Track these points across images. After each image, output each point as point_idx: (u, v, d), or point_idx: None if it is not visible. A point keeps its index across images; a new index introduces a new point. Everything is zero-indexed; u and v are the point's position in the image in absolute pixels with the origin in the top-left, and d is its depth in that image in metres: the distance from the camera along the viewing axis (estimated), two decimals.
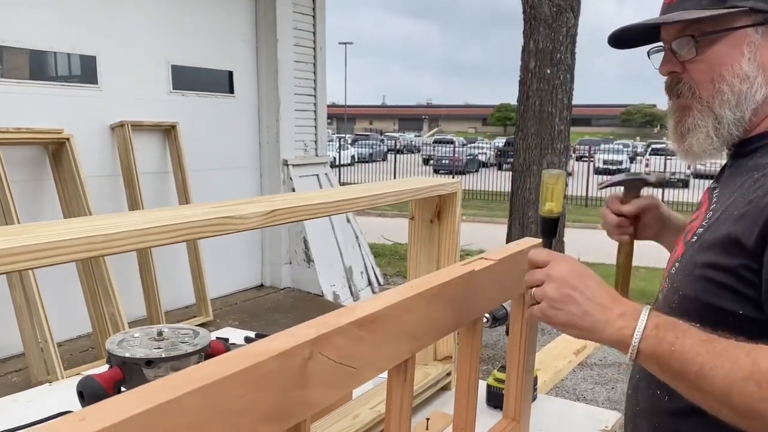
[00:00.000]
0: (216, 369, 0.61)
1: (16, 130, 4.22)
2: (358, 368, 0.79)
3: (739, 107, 1.00)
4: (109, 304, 4.40)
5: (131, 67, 5.11)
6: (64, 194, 4.48)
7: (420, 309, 0.92)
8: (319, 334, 0.72)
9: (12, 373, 4.29)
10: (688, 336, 0.81)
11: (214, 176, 5.78)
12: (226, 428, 0.61)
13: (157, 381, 0.59)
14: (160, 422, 0.54)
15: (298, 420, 0.72)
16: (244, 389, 0.62)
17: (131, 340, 1.15)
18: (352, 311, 0.80)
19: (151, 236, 0.82)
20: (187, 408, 0.57)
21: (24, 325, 4.03)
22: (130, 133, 4.95)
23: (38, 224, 0.81)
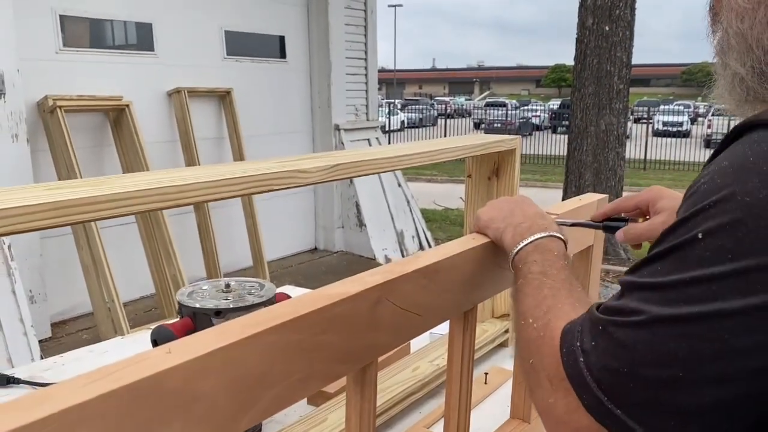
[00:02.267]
0: (291, 309, 0.63)
1: (78, 98, 4.36)
2: (423, 315, 0.81)
3: (749, 56, 0.71)
4: (171, 265, 4.55)
5: (186, 34, 5.19)
6: (126, 159, 4.63)
7: (481, 260, 0.92)
8: (386, 280, 0.73)
9: (82, 331, 4.51)
10: (538, 263, 0.78)
11: (267, 141, 5.85)
12: (301, 365, 0.64)
13: (237, 319, 0.62)
14: (239, 356, 0.57)
15: (366, 362, 0.74)
16: (316, 329, 0.65)
17: (200, 292, 1.19)
18: (416, 260, 0.81)
19: (222, 188, 0.85)
20: (265, 344, 0.59)
21: (92, 285, 4.22)
22: (187, 99, 5.05)
23: (116, 176, 0.84)
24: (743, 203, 0.54)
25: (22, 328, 3.73)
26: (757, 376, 0.54)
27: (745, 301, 0.53)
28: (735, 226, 0.54)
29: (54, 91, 4.22)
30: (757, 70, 0.69)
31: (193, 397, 0.53)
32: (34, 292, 4.11)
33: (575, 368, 0.61)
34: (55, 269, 4.38)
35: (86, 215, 0.71)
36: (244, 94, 5.59)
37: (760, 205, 0.53)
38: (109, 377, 0.50)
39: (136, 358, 0.54)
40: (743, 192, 0.55)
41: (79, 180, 0.80)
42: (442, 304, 0.86)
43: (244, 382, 0.58)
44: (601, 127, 6.66)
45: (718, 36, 0.74)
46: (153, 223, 4.56)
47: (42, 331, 4.14)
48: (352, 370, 0.73)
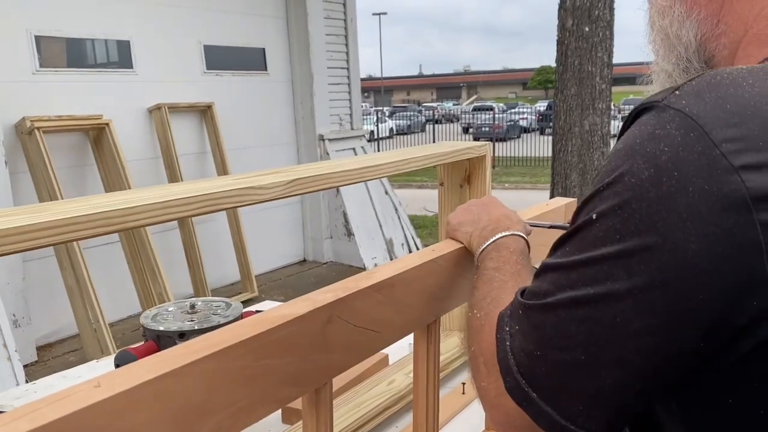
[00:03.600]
0: (231, 335, 0.61)
1: (57, 118, 4.33)
2: (380, 331, 0.79)
3: (672, 52, 0.72)
4: (156, 283, 4.51)
5: (165, 50, 5.16)
6: (107, 178, 4.59)
7: (443, 273, 0.91)
8: (337, 298, 0.71)
9: (69, 353, 4.46)
10: (493, 260, 0.81)
11: (251, 154, 5.83)
12: (245, 392, 0.62)
13: (172, 348, 0.60)
14: (174, 387, 0.55)
15: (319, 383, 0.72)
16: (260, 353, 0.62)
17: (165, 314, 1.17)
18: (371, 276, 0.79)
19: (170, 209, 0.83)
20: (202, 372, 0.57)
21: (77, 306, 4.18)
22: (168, 116, 5.02)
23: (58, 202, 0.82)
24: (629, 184, 0.54)
25: (6, 353, 3.67)
26: (651, 356, 0.54)
27: (631, 282, 0.53)
28: (622, 207, 0.55)
29: (31, 112, 4.19)
30: (682, 65, 0.70)
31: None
32: (17, 315, 4.06)
33: (503, 352, 0.62)
34: (39, 292, 4.33)
35: (23, 244, 0.69)
36: (226, 107, 5.57)
37: (644, 186, 0.53)
38: (30, 416, 0.48)
39: (63, 393, 0.52)
40: (630, 173, 0.55)
41: (18, 207, 0.78)
42: (402, 319, 0.84)
43: (181, 414, 0.56)
44: (585, 128, 6.69)
45: (651, 35, 0.75)
46: (137, 241, 4.52)
47: (27, 355, 4.09)
48: (304, 392, 0.71)
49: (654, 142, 0.54)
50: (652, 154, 0.54)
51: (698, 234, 0.51)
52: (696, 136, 0.53)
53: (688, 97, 0.55)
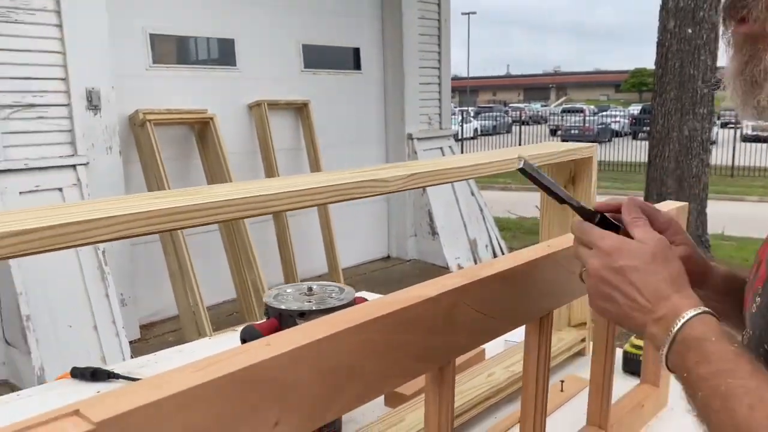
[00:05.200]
0: (371, 311, 0.68)
1: (167, 111, 4.61)
2: (498, 319, 0.83)
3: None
4: (251, 271, 4.72)
5: (266, 49, 5.39)
6: (209, 169, 4.84)
7: (558, 268, 0.94)
8: (463, 284, 0.77)
9: (168, 333, 4.74)
10: (703, 363, 0.62)
11: (342, 151, 5.98)
12: (381, 362, 0.68)
13: (319, 319, 0.67)
14: (329, 350, 0.62)
15: (444, 362, 0.77)
16: (395, 329, 0.69)
17: (285, 294, 1.26)
18: (492, 265, 0.84)
19: (306, 197, 0.90)
20: (352, 341, 0.64)
21: (178, 289, 4.44)
22: (267, 112, 5.23)
23: (208, 186, 0.91)
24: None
25: (115, 329, 3.96)
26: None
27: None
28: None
29: (144, 106, 4.48)
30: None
31: (288, 385, 0.58)
32: (125, 295, 4.35)
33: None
34: (144, 274, 4.62)
35: (183, 222, 0.78)
36: (321, 105, 5.74)
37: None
38: (215, 366, 0.56)
39: (238, 350, 0.60)
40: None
41: (173, 191, 0.88)
42: (518, 309, 0.88)
43: (332, 375, 0.62)
44: (684, 133, 6.43)
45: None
46: (235, 232, 4.75)
47: (132, 332, 4.37)
48: (430, 369, 0.77)
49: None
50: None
51: None
52: None
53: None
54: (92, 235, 0.67)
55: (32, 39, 3.81)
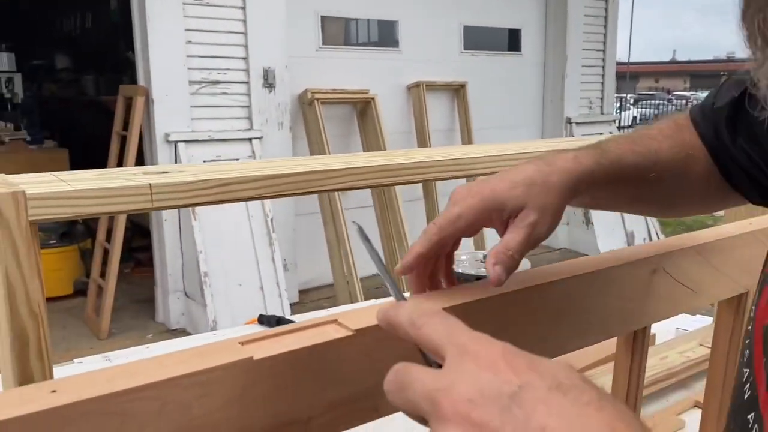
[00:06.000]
0: (572, 268, 0.71)
1: (332, 91, 4.85)
2: (697, 291, 0.83)
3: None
4: (402, 247, 4.87)
5: (427, 30, 5.47)
6: (368, 147, 5.04)
7: (758, 246, 0.91)
8: (663, 252, 0.77)
9: (323, 299, 5.03)
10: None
11: (496, 134, 5.94)
12: (581, 322, 0.71)
13: (530, 270, 0.71)
14: (532, 299, 0.66)
15: (638, 326, 0.79)
16: (589, 290, 0.71)
17: (459, 261, 1.32)
18: (695, 237, 0.83)
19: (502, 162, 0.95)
20: (550, 292, 0.68)
21: (334, 258, 4.69)
22: (425, 93, 5.33)
23: (415, 149, 0.98)
24: None
25: (278, 291, 4.28)
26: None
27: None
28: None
29: (312, 85, 4.74)
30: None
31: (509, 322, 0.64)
32: (287, 261, 4.67)
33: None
34: (305, 243, 4.93)
35: (397, 179, 0.85)
36: (477, 87, 5.74)
37: None
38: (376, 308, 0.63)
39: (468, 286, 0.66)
40: None
41: (386, 152, 0.96)
42: (716, 283, 0.87)
43: (521, 337, 0.67)
44: None
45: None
46: (388, 208, 4.92)
47: (292, 295, 4.69)
48: (624, 332, 0.79)
49: None
50: None
51: None
52: None
53: None
54: (327, 184, 0.76)
55: (219, 20, 4.17)
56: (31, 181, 0.66)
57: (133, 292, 4.86)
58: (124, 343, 4.06)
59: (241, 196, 0.72)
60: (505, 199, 0.60)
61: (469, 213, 0.61)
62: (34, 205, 0.61)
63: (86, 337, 4.16)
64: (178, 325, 4.35)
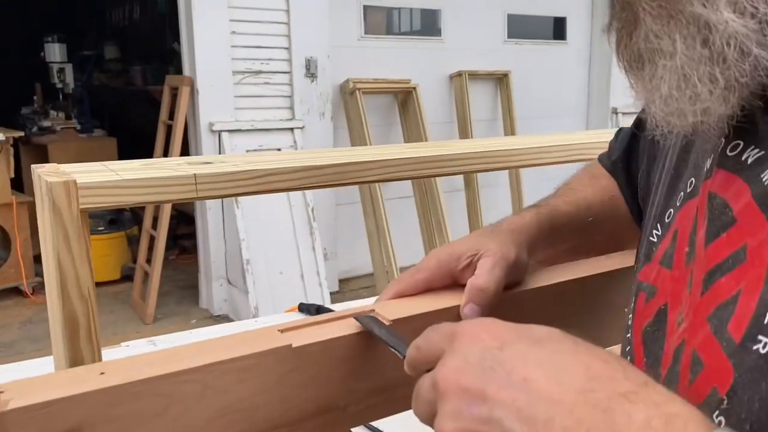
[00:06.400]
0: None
1: (374, 81, 4.85)
2: None
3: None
4: (441, 238, 4.86)
5: (471, 19, 5.41)
6: (409, 138, 5.03)
7: None
8: None
9: (362, 289, 5.06)
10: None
11: (539, 124, 5.86)
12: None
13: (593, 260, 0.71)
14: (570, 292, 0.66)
15: None
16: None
17: None
18: None
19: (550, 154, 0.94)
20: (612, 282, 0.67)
21: (374, 248, 4.71)
22: (467, 82, 5.29)
23: (454, 141, 0.98)
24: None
25: (318, 279, 4.33)
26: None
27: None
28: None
29: (354, 75, 4.75)
30: None
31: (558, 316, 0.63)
32: (327, 250, 4.71)
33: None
34: (345, 232, 4.96)
35: (439, 170, 0.86)
36: (521, 76, 5.66)
37: None
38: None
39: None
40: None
41: (426, 143, 0.96)
42: None
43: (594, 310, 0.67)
44: None
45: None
46: (428, 199, 4.91)
47: (332, 284, 4.73)
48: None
49: None
50: None
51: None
52: None
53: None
54: (367, 175, 0.76)
55: (263, 11, 4.21)
56: (81, 170, 0.69)
57: (178, 279, 4.98)
58: (169, 328, 4.18)
59: (282, 186, 0.73)
60: (458, 248, 0.66)
61: (427, 269, 0.66)
62: (85, 194, 0.64)
63: (133, 322, 4.29)
64: (221, 311, 4.44)
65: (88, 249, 0.66)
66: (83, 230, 0.65)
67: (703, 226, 0.48)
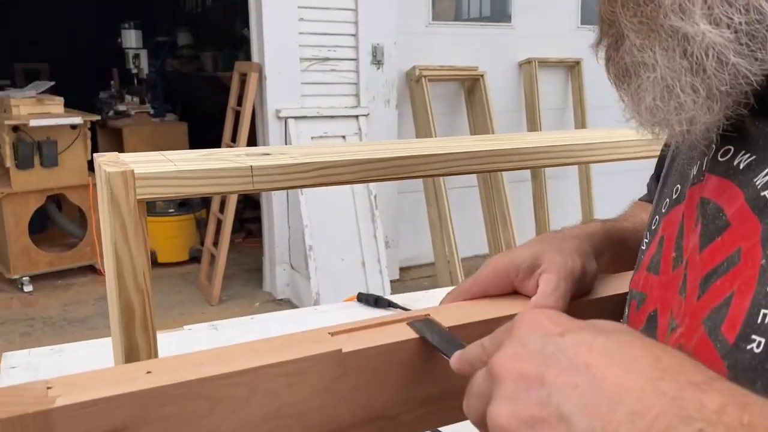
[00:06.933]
0: None
1: (440, 68, 4.78)
2: None
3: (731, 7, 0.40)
4: (505, 230, 4.77)
5: (542, 4, 5.26)
6: (475, 126, 4.95)
7: None
8: None
9: (423, 278, 5.04)
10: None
11: (611, 115, 5.59)
12: None
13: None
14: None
15: None
16: None
17: None
18: None
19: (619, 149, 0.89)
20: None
21: (436, 238, 4.67)
22: (536, 70, 5.15)
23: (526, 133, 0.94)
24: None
25: (379, 267, 4.33)
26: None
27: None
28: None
29: (420, 62, 4.70)
30: (748, 29, 0.40)
31: None
32: (389, 238, 4.70)
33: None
34: (407, 221, 4.94)
35: (503, 164, 0.82)
36: (593, 64, 5.43)
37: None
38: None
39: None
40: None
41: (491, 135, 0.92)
42: None
43: None
44: None
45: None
46: (493, 189, 4.82)
47: (392, 272, 4.73)
48: None
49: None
50: None
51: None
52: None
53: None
54: (427, 169, 0.74)
55: None
56: (140, 160, 0.69)
57: (243, 262, 5.09)
58: (233, 310, 4.28)
59: (340, 179, 0.72)
60: (518, 258, 0.63)
61: (484, 280, 0.63)
62: (142, 184, 0.63)
63: (199, 303, 4.41)
64: (284, 295, 4.51)
65: (146, 239, 0.66)
66: (140, 220, 0.64)
67: (695, 231, 0.48)
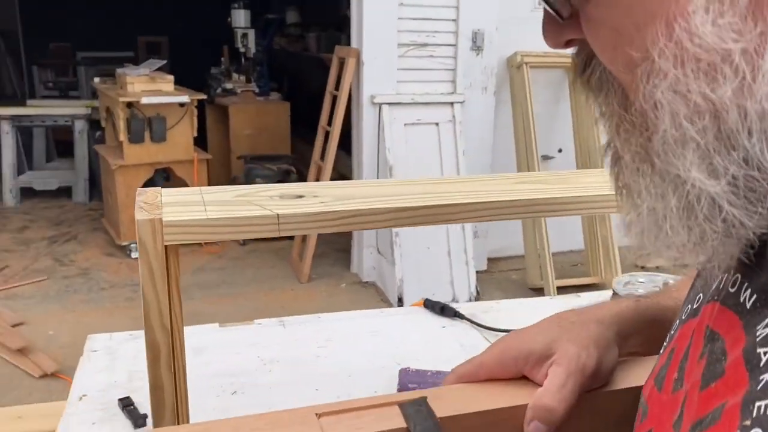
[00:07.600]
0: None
1: (543, 54, 4.60)
2: None
3: (727, 140, 0.36)
4: (603, 227, 4.58)
5: None
6: (578, 116, 4.75)
7: None
8: None
9: (511, 271, 4.94)
10: None
11: None
12: None
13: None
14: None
15: None
16: None
17: (636, 284, 1.18)
18: None
19: None
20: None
21: (527, 230, 4.56)
22: None
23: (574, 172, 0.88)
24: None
25: (465, 258, 4.29)
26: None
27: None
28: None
29: (522, 48, 4.55)
30: (745, 178, 0.36)
31: None
32: (478, 228, 4.64)
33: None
34: None
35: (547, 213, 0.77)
36: None
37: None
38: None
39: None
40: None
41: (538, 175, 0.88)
42: None
43: None
44: None
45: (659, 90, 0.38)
46: None
47: (480, 263, 4.67)
48: None
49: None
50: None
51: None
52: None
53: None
54: (461, 217, 0.71)
55: None
56: (174, 201, 0.71)
57: (334, 242, 5.20)
58: (320, 289, 4.40)
59: (368, 226, 0.71)
60: (528, 344, 0.59)
61: (491, 364, 0.60)
62: (170, 231, 0.65)
63: (289, 279, 4.56)
64: (369, 278, 4.58)
65: (177, 280, 0.68)
66: (169, 264, 0.66)
67: (698, 364, 0.45)
